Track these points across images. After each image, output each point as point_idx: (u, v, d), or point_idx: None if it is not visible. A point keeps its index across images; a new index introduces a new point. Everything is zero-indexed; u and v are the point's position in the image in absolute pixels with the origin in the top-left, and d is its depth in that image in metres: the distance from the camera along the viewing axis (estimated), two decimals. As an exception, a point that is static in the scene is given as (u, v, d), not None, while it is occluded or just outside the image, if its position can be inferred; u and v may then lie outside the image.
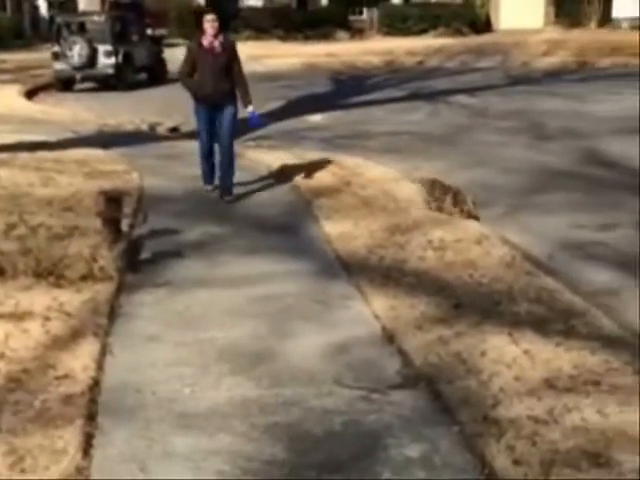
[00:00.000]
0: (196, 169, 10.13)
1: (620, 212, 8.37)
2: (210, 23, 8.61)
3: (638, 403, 4.40)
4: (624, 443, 4.04)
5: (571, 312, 5.68)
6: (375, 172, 10.19)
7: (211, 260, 6.93)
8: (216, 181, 9.16)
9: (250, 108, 8.83)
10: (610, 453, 3.95)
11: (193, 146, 12.06)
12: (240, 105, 8.86)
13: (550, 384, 4.61)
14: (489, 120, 14.07)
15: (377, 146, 12.33)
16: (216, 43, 8.65)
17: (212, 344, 5.26)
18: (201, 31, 8.72)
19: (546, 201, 8.87)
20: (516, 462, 3.89)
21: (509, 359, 4.93)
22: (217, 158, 9.06)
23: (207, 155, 9.12)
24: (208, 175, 9.23)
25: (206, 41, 8.66)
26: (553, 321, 5.51)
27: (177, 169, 10.49)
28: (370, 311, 5.84)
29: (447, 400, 4.52)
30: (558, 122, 13.27)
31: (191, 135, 13.00)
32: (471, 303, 5.83)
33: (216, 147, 9.05)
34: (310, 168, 10.17)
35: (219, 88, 8.63)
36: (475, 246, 7.17)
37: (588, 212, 8.43)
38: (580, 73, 19.52)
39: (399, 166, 10.45)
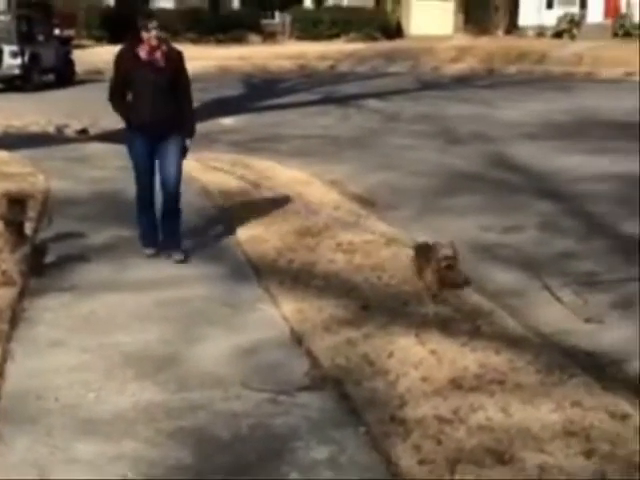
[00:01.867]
0: (105, 172, 9.99)
1: (525, 214, 8.54)
2: (152, 31, 6.47)
3: (540, 402, 4.49)
4: (527, 441, 4.11)
5: (477, 313, 5.77)
6: (285, 175, 10.19)
7: (119, 264, 6.81)
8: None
9: (188, 143, 6.87)
10: (513, 451, 4.01)
11: (101, 149, 11.92)
12: None
13: (456, 384, 4.67)
14: (399, 124, 14.22)
15: (288, 149, 12.34)
16: (158, 55, 6.59)
17: (117, 349, 5.17)
18: (136, 39, 6.60)
19: (455, 204, 9.00)
20: (421, 461, 3.92)
21: (416, 360, 4.97)
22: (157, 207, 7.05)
23: (147, 205, 6.91)
24: (148, 233, 6.99)
25: (144, 52, 6.56)
26: (459, 321, 5.59)
27: (84, 172, 10.29)
28: (279, 314, 5.82)
29: (354, 401, 4.53)
30: (467, 127, 13.49)
31: (100, 137, 12.83)
32: (379, 305, 5.86)
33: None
34: (221, 171, 10.10)
35: (162, 113, 6.60)
36: (384, 248, 7.22)
37: (494, 215, 8.58)
38: (488, 79, 19.90)
39: (310, 169, 10.47)
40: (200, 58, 29.45)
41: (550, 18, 32.83)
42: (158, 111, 6.60)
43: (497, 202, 9.09)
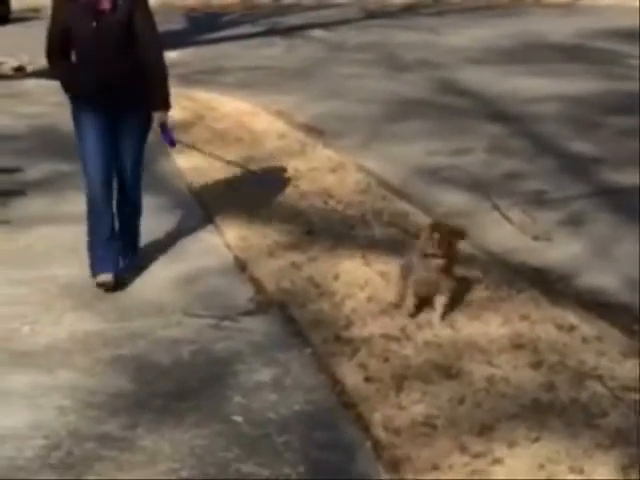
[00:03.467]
0: (42, 107, 9.66)
1: (473, 137, 8.42)
2: None
3: (489, 317, 4.43)
4: (475, 355, 4.04)
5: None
6: (230, 106, 9.93)
7: (56, 197, 6.57)
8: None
9: (160, 118, 4.99)
10: (461, 365, 3.95)
11: (38, 85, 11.52)
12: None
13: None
14: (345, 53, 13.93)
15: (232, 81, 12.03)
16: None
17: (55, 281, 4.99)
18: None
19: (401, 130, 8.83)
20: (367, 379, 3.83)
21: (362, 281, 4.87)
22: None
23: (102, 203, 4.90)
24: (104, 249, 4.92)
25: None
26: (407, 243, 5.48)
27: (21, 108, 9.92)
28: (222, 242, 5.67)
29: (299, 324, 4.43)
30: (413, 54, 13.26)
31: (38, 74, 12.41)
32: (325, 229, 5.74)
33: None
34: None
35: (113, 76, 4.73)
36: (330, 174, 7.08)
37: (442, 139, 8.44)
38: (434, 7, 19.60)
39: (255, 100, 10.21)
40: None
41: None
42: (108, 73, 4.72)
43: (445, 126, 8.94)
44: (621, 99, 9.82)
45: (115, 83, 4.76)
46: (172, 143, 5.27)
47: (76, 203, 6.44)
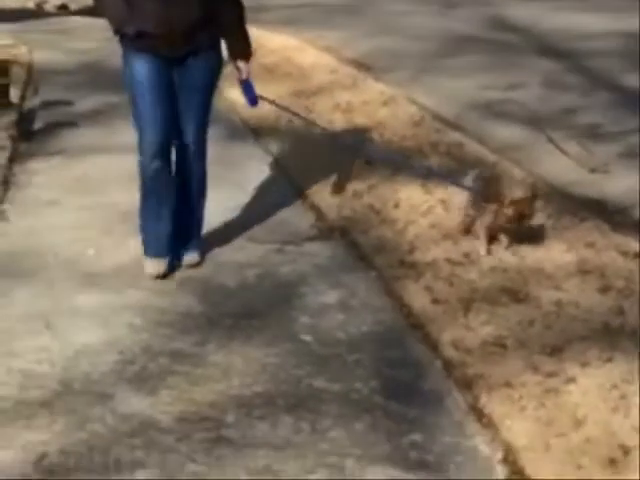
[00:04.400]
0: (90, 43, 9.64)
1: (527, 73, 8.28)
2: None
3: (553, 244, 4.39)
4: (542, 280, 4.02)
5: (482, 164, 5.60)
6: (276, 42, 9.83)
7: (106, 128, 6.57)
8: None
9: (242, 67, 4.18)
10: (528, 290, 3.93)
11: (84, 22, 11.49)
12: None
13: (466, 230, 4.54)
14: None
15: (276, 18, 11.89)
16: None
17: (114, 207, 5.01)
18: None
19: (453, 65, 8.71)
20: (434, 301, 3.83)
21: (423, 208, 4.85)
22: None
23: (158, 178, 4.08)
24: (157, 232, 4.18)
25: None
26: (465, 172, 5.42)
27: (69, 43, 9.93)
28: (281, 172, 5.65)
29: (363, 248, 4.43)
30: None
31: (81, 12, 12.38)
32: (382, 160, 5.69)
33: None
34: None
35: (180, 19, 3.87)
36: (383, 108, 7.01)
37: (495, 74, 8.30)
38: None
39: (301, 36, 10.11)
40: None
41: None
42: (173, 15, 3.84)
43: (497, 62, 8.80)
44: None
45: (179, 23, 3.86)
46: (253, 101, 4.36)
47: (126, 134, 6.46)
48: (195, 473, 2.79)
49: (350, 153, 5.67)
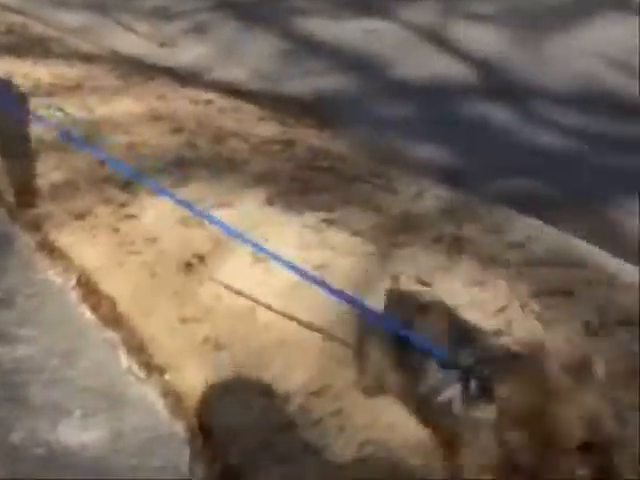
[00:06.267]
0: None
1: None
2: None
3: (122, 99, 4.24)
4: (113, 127, 3.85)
5: (45, 39, 5.29)
6: None
7: None
8: None
9: None
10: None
11: None
12: None
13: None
14: None
15: None
16: None
17: None
18: None
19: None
20: None
21: None
22: None
23: None
24: None
25: None
26: (28, 47, 5.10)
27: None
28: None
29: None
30: None
31: None
32: None
33: None
34: None
35: None
36: None
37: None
38: None
39: None
40: None
41: None
42: None
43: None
44: None
45: None
46: None
47: None
48: None
49: None
